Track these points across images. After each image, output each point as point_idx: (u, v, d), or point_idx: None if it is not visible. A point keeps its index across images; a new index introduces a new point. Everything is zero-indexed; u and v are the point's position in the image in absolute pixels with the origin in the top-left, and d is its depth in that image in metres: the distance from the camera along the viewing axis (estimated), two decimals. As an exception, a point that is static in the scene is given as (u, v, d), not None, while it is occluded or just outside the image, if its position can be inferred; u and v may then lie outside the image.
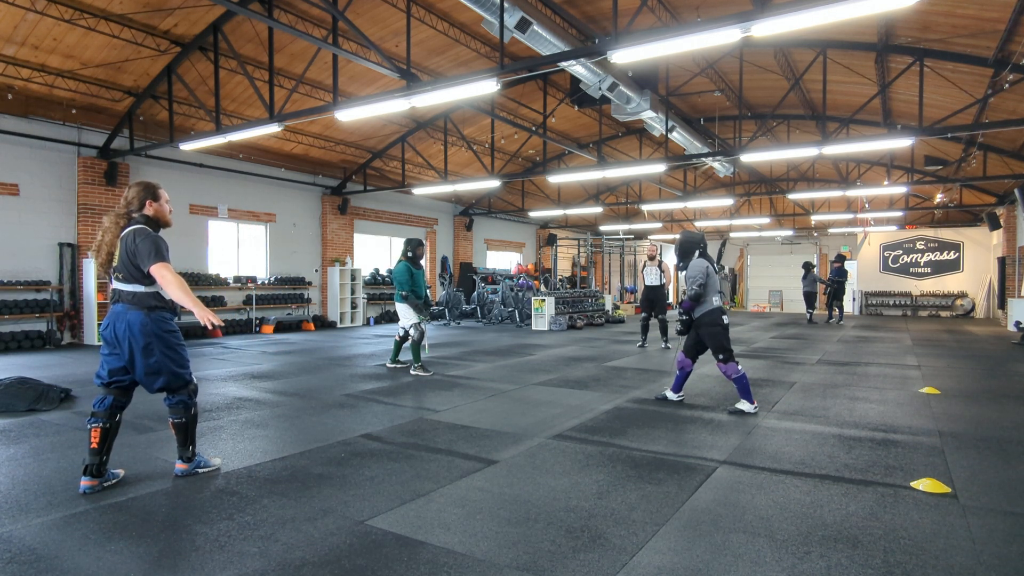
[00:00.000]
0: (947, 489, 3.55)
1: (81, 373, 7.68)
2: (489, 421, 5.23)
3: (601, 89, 10.07)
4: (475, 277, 18.67)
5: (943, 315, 21.46)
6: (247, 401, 6.08)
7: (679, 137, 13.40)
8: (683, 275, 5.77)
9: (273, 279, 14.83)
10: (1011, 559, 2.71)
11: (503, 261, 24.28)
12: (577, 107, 13.45)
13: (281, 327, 14.23)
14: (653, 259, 10.45)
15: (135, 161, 11.96)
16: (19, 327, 10.42)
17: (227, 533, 2.93)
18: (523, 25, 7.85)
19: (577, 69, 9.26)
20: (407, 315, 7.91)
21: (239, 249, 14.57)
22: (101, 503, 3.32)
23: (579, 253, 25.17)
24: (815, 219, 23.31)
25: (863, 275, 23.47)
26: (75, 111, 10.86)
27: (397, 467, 3.96)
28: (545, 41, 8.25)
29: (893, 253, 23.09)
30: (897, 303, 22.78)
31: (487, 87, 7.71)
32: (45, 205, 10.82)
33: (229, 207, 13.90)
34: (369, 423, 5.16)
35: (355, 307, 16.46)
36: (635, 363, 8.86)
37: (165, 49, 10.03)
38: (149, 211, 3.68)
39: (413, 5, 9.64)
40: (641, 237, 28.99)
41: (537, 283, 18.98)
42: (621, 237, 27.57)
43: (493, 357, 9.48)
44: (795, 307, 24.89)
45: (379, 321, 17.23)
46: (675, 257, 6.28)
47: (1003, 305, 17.26)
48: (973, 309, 21.38)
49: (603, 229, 27.37)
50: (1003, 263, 17.98)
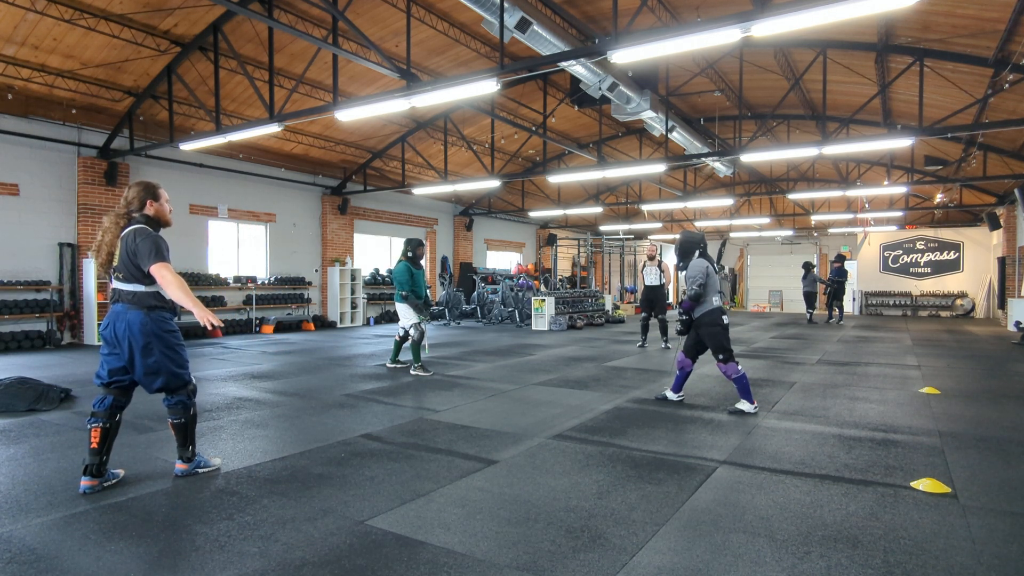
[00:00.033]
0: (947, 489, 3.55)
1: (81, 373, 7.68)
2: (489, 421, 5.23)
3: (601, 89, 10.07)
4: (475, 277, 18.67)
5: (943, 315, 21.46)
6: (247, 401, 6.08)
7: (679, 137, 13.40)
8: (683, 275, 5.77)
9: (273, 279, 14.83)
10: (1011, 559, 2.71)
11: (503, 261, 24.27)
12: (577, 107, 13.44)
13: (281, 327, 14.23)
14: (653, 259, 10.46)
15: (135, 161, 11.97)
16: (19, 327, 10.42)
17: (227, 533, 2.93)
18: (523, 25, 7.85)
19: (577, 69, 9.26)
20: (407, 315, 7.92)
21: (239, 249, 14.57)
22: (101, 503, 3.32)
23: (579, 253, 25.17)
24: (815, 219, 23.31)
25: (863, 275, 23.46)
26: (75, 111, 10.86)
27: (397, 467, 3.96)
28: (545, 41, 8.25)
29: (893, 253, 23.08)
30: (897, 303, 22.77)
31: (487, 87, 7.71)
32: (45, 205, 10.82)
33: (229, 207, 13.90)
34: (369, 423, 5.16)
35: (355, 307, 16.46)
36: (635, 363, 8.86)
37: (165, 49, 10.03)
38: (150, 211, 3.68)
39: (413, 5, 9.64)
40: (641, 237, 28.98)
41: (537, 283, 18.98)
42: (621, 237, 27.57)
43: (493, 357, 9.48)
44: (795, 307, 24.89)
45: (379, 321, 17.23)
46: (675, 257, 6.28)
47: (1003, 305, 17.26)
48: (973, 309, 21.38)
49: (603, 229, 27.37)
50: (1003, 263, 17.98)
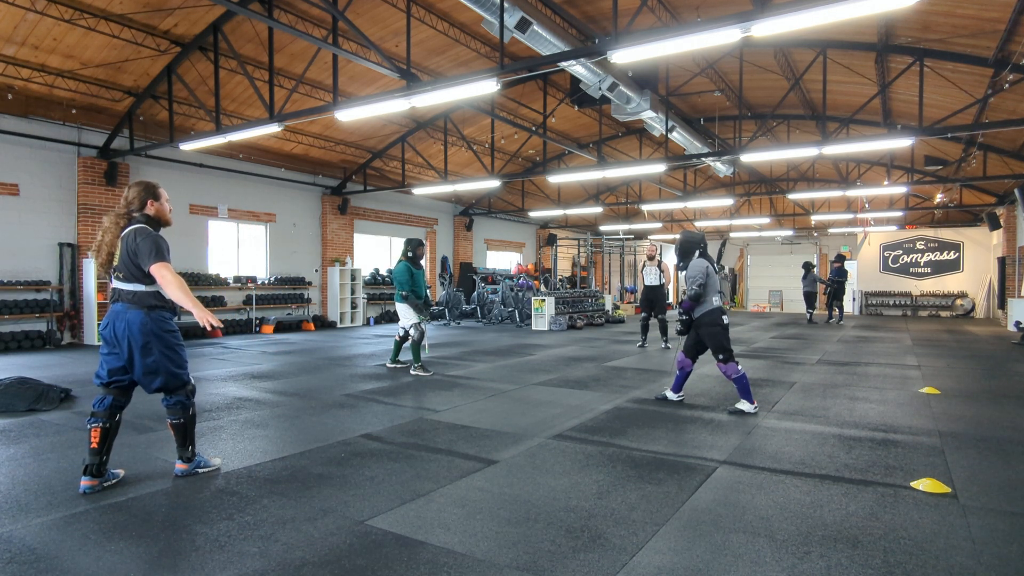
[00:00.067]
0: (947, 489, 3.55)
1: (81, 373, 7.68)
2: (489, 421, 5.23)
3: (601, 89, 10.07)
4: (475, 277, 18.66)
5: (943, 315, 21.45)
6: (247, 401, 6.08)
7: (679, 137, 13.39)
8: (683, 275, 5.77)
9: (273, 279, 14.83)
10: (1011, 559, 2.71)
11: (503, 261, 24.27)
12: (577, 107, 13.44)
13: (281, 327, 14.23)
14: (652, 259, 10.47)
15: (135, 161, 11.97)
16: (19, 327, 10.42)
17: (227, 533, 2.93)
18: (523, 25, 7.85)
19: (577, 69, 9.26)
20: (407, 315, 7.92)
21: (239, 249, 14.57)
22: (101, 503, 3.32)
23: (579, 253, 25.16)
24: (815, 219, 23.31)
25: (863, 275, 23.47)
26: (75, 111, 10.86)
27: (397, 467, 3.96)
28: (545, 41, 8.24)
29: (893, 253, 23.08)
30: (897, 303, 22.77)
31: (487, 87, 7.71)
32: (45, 205, 10.82)
33: (229, 207, 13.90)
34: (369, 423, 5.16)
35: (355, 307, 16.46)
36: (635, 363, 8.86)
37: (165, 49, 10.03)
38: (151, 211, 3.68)
39: (413, 5, 9.64)
40: (641, 237, 28.98)
41: (537, 283, 18.98)
42: (621, 237, 27.57)
43: (493, 357, 9.48)
44: (795, 307, 24.89)
45: (379, 321, 17.23)
46: (675, 257, 6.28)
47: (1003, 305, 17.26)
48: (973, 309, 21.38)
49: (603, 229, 27.36)
50: (1003, 263, 17.98)
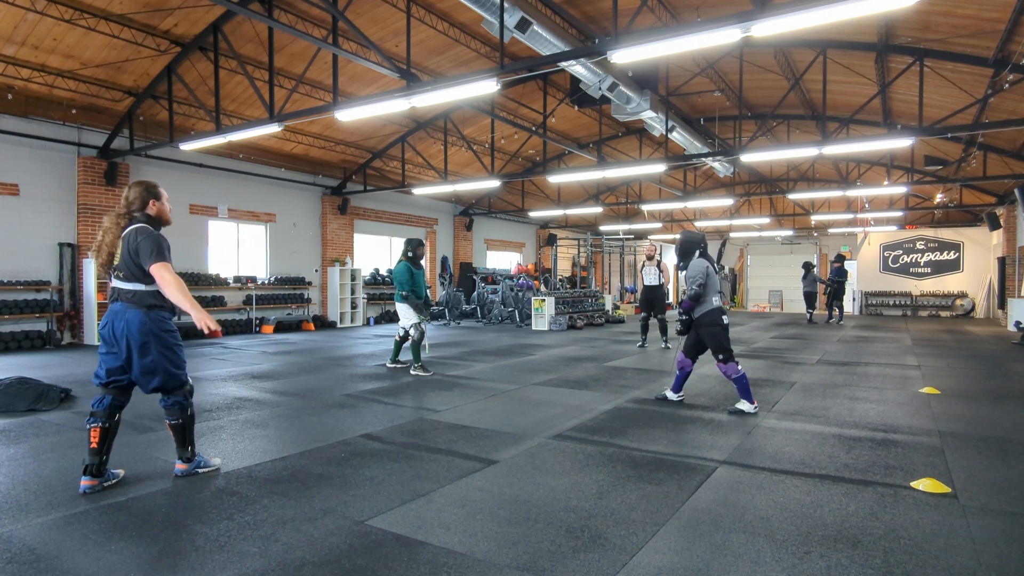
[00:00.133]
0: (947, 489, 3.55)
1: (81, 373, 7.68)
2: (489, 421, 5.23)
3: (601, 89, 10.07)
4: (475, 277, 18.66)
5: (943, 315, 21.45)
6: (247, 401, 6.08)
7: (679, 137, 13.39)
8: (683, 275, 5.77)
9: (273, 279, 14.82)
10: (1011, 559, 2.71)
11: (503, 261, 24.27)
12: (577, 107, 13.44)
13: (281, 327, 14.23)
14: (652, 259, 10.47)
15: (135, 161, 11.97)
16: (19, 327, 10.42)
17: (227, 533, 2.93)
18: (523, 25, 7.85)
19: (577, 69, 9.26)
20: (407, 315, 7.92)
21: (239, 249, 14.57)
22: (101, 503, 3.32)
23: (579, 253, 25.17)
24: (815, 219, 23.31)
25: (863, 275, 23.47)
26: (75, 111, 10.86)
27: (397, 467, 3.96)
28: (545, 41, 8.24)
29: (893, 253, 23.09)
30: (897, 303, 22.77)
31: (487, 87, 7.71)
32: (45, 205, 10.82)
33: (229, 207, 13.90)
34: (369, 423, 5.16)
35: (355, 307, 16.46)
36: (635, 363, 8.86)
37: (165, 49, 10.03)
38: (151, 210, 3.68)
39: (413, 5, 9.64)
40: (641, 237, 28.98)
41: (537, 283, 18.98)
42: (621, 237, 27.57)
43: (493, 357, 9.48)
44: (795, 307, 24.88)
45: (379, 321, 17.23)
46: (675, 257, 6.28)
47: (1003, 305, 17.26)
48: (973, 309, 21.38)
49: (603, 229, 27.36)
50: (1003, 263, 17.98)
